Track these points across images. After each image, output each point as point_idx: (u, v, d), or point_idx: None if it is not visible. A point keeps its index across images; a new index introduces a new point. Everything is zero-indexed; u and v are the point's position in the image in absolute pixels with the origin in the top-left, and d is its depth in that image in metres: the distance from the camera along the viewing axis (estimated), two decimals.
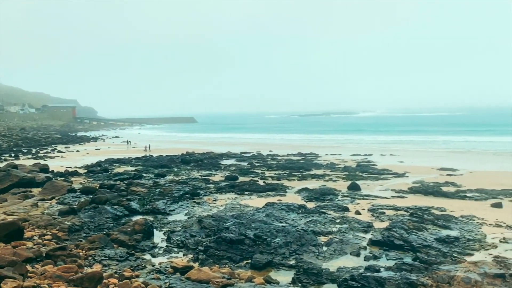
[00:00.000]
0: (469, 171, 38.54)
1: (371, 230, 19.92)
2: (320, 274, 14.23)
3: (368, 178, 35.30)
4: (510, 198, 26.67)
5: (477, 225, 20.56)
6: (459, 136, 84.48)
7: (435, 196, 27.88)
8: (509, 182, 31.59)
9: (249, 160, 49.71)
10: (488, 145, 66.13)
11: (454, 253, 16.50)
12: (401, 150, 59.87)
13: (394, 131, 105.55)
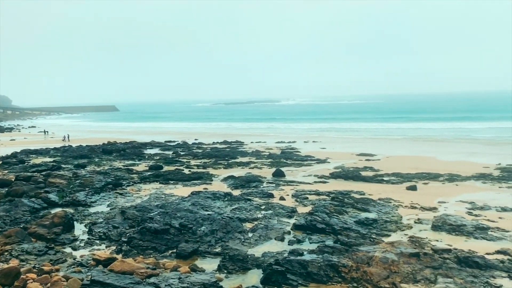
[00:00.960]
0: (386, 156, 40.34)
1: (295, 215, 20.37)
2: (246, 260, 14.37)
3: (292, 165, 36.03)
4: (424, 181, 28.27)
5: (394, 207, 21.61)
6: (377, 123, 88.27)
7: (355, 180, 28.98)
8: (423, 166, 33.44)
9: (174, 149, 49.12)
10: (404, 131, 69.60)
11: (372, 235, 17.26)
12: (323, 137, 61.61)
13: (316, 118, 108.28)
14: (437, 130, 69.65)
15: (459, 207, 21.64)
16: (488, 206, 21.73)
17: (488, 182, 27.88)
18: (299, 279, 12.95)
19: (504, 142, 51.19)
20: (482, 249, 15.61)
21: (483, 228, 17.90)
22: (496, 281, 12.84)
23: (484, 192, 24.98)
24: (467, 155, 40.03)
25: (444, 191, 25.25)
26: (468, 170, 31.53)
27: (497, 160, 35.50)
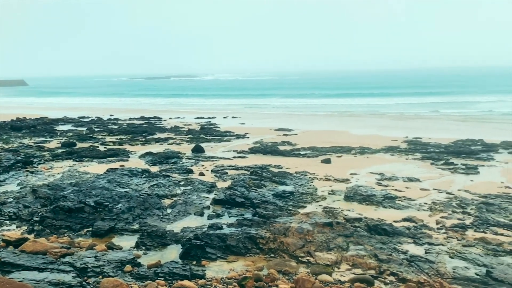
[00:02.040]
0: (302, 131, 41.43)
1: (215, 190, 20.51)
2: (165, 236, 14.32)
3: (211, 141, 36.04)
4: (338, 154, 29.41)
5: (309, 179, 22.36)
6: (293, 99, 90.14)
7: (273, 155, 29.57)
8: (337, 140, 34.74)
9: (88, 125, 47.35)
10: (320, 107, 71.68)
11: (289, 207, 17.79)
12: (242, 113, 62.02)
13: (236, 94, 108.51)
14: (351, 106, 72.33)
15: (370, 178, 22.80)
16: (396, 176, 23.07)
17: (396, 154, 29.55)
18: (218, 252, 13.12)
19: (411, 117, 54.30)
20: (390, 217, 16.62)
21: (391, 198, 19.02)
22: (402, 247, 13.75)
23: (392, 164, 26.46)
24: (377, 129, 42.04)
25: (355, 164, 26.45)
26: (378, 143, 33.17)
27: (404, 134, 37.61)
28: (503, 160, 27.38)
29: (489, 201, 18.43)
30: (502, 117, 52.22)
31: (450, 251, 13.33)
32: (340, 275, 11.81)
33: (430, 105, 69.38)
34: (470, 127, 42.94)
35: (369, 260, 12.67)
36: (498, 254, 13.10)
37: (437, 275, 11.78)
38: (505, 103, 69.61)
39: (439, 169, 25.03)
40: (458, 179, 22.81)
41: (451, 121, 49.40)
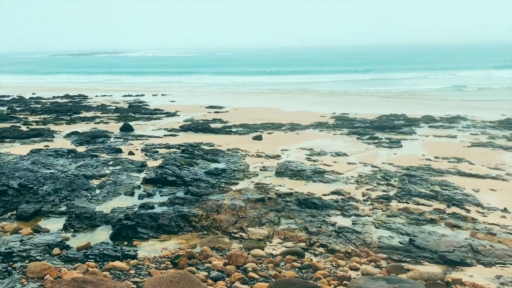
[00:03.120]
0: (234, 108, 41.48)
1: (145, 169, 20.16)
2: (94, 217, 13.95)
3: (140, 119, 35.30)
4: (269, 131, 29.76)
5: (241, 156, 22.50)
6: (224, 76, 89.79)
7: (204, 132, 29.45)
8: (268, 117, 35.09)
9: (9, 104, 44.82)
10: (251, 84, 71.88)
11: (221, 184, 17.85)
12: (172, 90, 61.08)
13: (165, 72, 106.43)
14: (282, 83, 73.04)
15: (300, 154, 23.29)
16: (324, 151, 23.71)
17: (324, 130, 30.33)
18: (150, 231, 12.98)
19: (339, 93, 55.78)
20: (319, 191, 17.11)
21: (320, 172, 19.56)
22: (331, 219, 14.23)
23: (321, 139, 27.16)
24: (307, 105, 42.88)
25: (286, 140, 26.91)
26: (307, 119, 33.86)
27: (332, 110, 38.62)
28: (424, 133, 28.84)
29: (411, 173, 19.40)
30: (423, 93, 54.79)
31: (376, 222, 13.95)
32: (272, 249, 12.06)
33: (357, 82, 71.52)
34: (394, 103, 44.75)
35: (299, 233, 13.01)
36: (420, 223, 13.86)
37: (364, 245, 12.31)
38: (427, 79, 73.06)
39: (365, 144, 25.99)
40: (383, 152, 23.81)
41: (377, 97, 51.25)
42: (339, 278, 9.77)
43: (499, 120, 32.49)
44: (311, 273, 10.23)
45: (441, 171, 19.86)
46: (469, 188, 17.35)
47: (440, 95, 51.37)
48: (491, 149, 24.29)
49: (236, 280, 9.38)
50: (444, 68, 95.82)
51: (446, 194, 16.60)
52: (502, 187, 17.61)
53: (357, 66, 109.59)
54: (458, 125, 31.54)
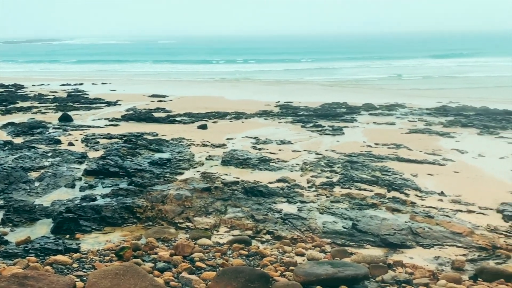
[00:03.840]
0: (177, 96, 40.96)
1: (86, 160, 19.60)
2: (33, 210, 13.45)
3: (80, 108, 34.21)
4: (214, 120, 29.63)
5: (186, 146, 22.30)
6: (168, 64, 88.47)
7: (147, 122, 28.92)
8: (213, 106, 34.88)
9: None
10: (195, 73, 71.16)
11: (166, 174, 17.63)
12: (112, 79, 59.45)
13: (106, 59, 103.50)
14: (227, 72, 72.72)
15: (245, 142, 23.36)
16: (270, 140, 23.88)
17: (269, 118, 30.53)
18: (93, 224, 12.66)
19: (283, 82, 56.25)
20: (265, 179, 17.24)
21: (266, 160, 19.70)
22: (277, 206, 14.39)
23: (266, 128, 27.33)
24: (252, 94, 42.96)
25: (231, 129, 26.90)
26: (252, 108, 33.95)
27: (276, 98, 38.88)
28: (365, 121, 29.62)
29: (353, 159, 19.90)
30: (364, 81, 56.15)
31: (320, 208, 14.23)
32: (219, 238, 12.07)
33: (302, 71, 72.29)
34: (336, 92, 45.62)
35: (246, 221, 13.08)
36: (362, 208, 14.26)
37: (309, 230, 12.54)
38: (367, 68, 74.91)
39: (309, 131, 26.39)
40: (326, 140, 24.27)
41: (320, 86, 52.08)
42: (286, 264, 9.90)
43: (435, 107, 33.80)
44: (258, 260, 10.30)
45: (381, 157, 20.48)
46: (408, 173, 17.99)
47: (379, 84, 52.84)
48: (428, 135, 25.27)
49: (183, 270, 9.30)
50: (383, 57, 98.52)
51: (386, 179, 17.15)
52: (438, 172, 18.38)
53: (302, 55, 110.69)
54: (397, 112, 32.57)
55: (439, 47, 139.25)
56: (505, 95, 40.17)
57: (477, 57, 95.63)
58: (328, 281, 8.41)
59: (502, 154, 20.90)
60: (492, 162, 19.87)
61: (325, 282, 8.39)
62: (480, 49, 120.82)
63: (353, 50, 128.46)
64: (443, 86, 49.06)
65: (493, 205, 14.59)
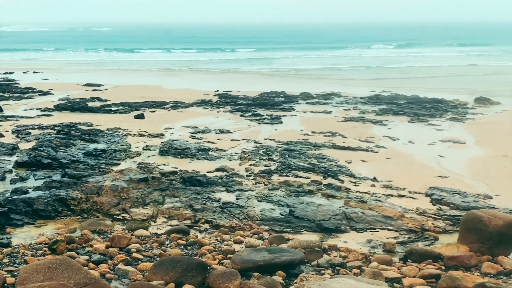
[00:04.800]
0: (113, 86, 39.95)
1: (17, 152, 18.79)
2: None
3: (10, 98, 32.66)
4: (151, 109, 29.18)
5: (123, 136, 21.86)
6: (103, 52, 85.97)
7: (82, 111, 28.04)
8: (150, 95, 34.31)
9: None
10: (131, 62, 69.55)
11: (102, 165, 17.23)
12: (44, 67, 56.98)
13: (37, 48, 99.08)
14: (165, 62, 71.54)
15: (184, 132, 23.19)
16: (209, 129, 23.84)
17: (208, 107, 30.42)
18: (24, 217, 12.22)
19: (223, 71, 56.10)
20: (204, 168, 17.22)
21: (205, 149, 19.67)
22: (216, 195, 14.43)
23: (205, 117, 27.24)
24: (190, 83, 42.59)
25: (169, 118, 26.60)
26: (191, 97, 33.68)
27: (216, 87, 38.73)
28: (302, 110, 30.13)
29: (291, 147, 20.24)
30: (302, 71, 56.94)
31: (258, 196, 14.41)
32: (157, 228, 11.99)
33: (241, 60, 72.27)
34: (274, 81, 46.04)
35: (184, 211, 13.05)
36: (299, 195, 14.56)
37: (247, 218, 12.69)
38: (306, 57, 76.03)
39: (248, 120, 26.55)
40: (264, 129, 24.52)
41: (259, 75, 52.34)
42: (224, 252, 10.00)
43: (368, 96, 34.87)
44: (197, 249, 10.33)
45: (317, 145, 20.95)
46: (343, 160, 18.53)
47: (316, 73, 53.79)
48: (362, 123, 26.07)
49: (119, 262, 9.19)
50: (322, 47, 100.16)
51: (322, 166, 17.58)
52: (371, 158, 19.05)
53: (243, 44, 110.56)
54: (333, 101, 33.33)
55: (377, 37, 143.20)
56: (434, 84, 42.08)
57: (412, 47, 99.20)
58: (265, 267, 8.59)
59: (431, 141, 21.93)
60: (421, 148, 20.83)
61: (262, 268, 8.57)
62: (416, 40, 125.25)
63: (293, 40, 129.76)
64: (377, 75, 50.64)
65: (422, 189, 15.32)
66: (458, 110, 29.76)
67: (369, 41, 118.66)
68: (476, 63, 63.88)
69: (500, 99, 33.00)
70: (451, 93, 36.73)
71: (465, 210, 12.50)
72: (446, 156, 19.49)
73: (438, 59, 69.42)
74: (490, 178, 16.49)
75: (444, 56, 75.47)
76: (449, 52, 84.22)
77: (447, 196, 14.47)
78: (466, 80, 44.98)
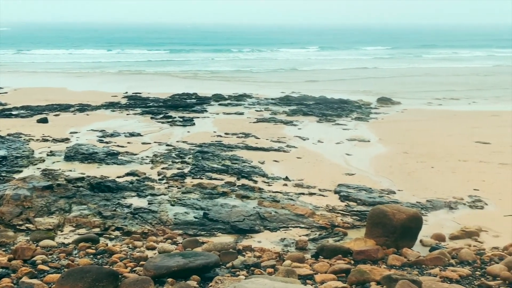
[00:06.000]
0: (13, 88, 37.60)
1: None
2: None
3: None
4: (55, 113, 27.77)
5: (25, 142, 20.61)
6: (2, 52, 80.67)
7: None
8: (54, 98, 32.66)
9: None
10: (30, 63, 65.84)
11: (2, 173, 16.14)
12: None
13: None
14: (70, 62, 68.56)
15: (91, 136, 22.30)
16: (118, 132, 23.11)
17: (117, 110, 29.50)
18: None
19: (132, 72, 54.74)
20: (114, 173, 16.66)
21: (114, 154, 19.03)
22: (126, 201, 13.99)
23: (113, 120, 26.38)
24: (97, 85, 41.11)
25: (75, 122, 25.48)
26: (98, 99, 32.49)
27: (124, 89, 37.69)
28: (215, 111, 30.11)
29: (204, 149, 20.13)
30: (215, 72, 56.89)
31: (171, 199, 14.18)
32: (64, 238, 11.42)
33: (153, 62, 70.86)
34: (187, 82, 45.70)
35: (93, 218, 12.53)
36: (213, 197, 14.51)
37: (160, 223, 12.43)
38: (217, 60, 76.15)
39: (159, 123, 26.07)
40: (177, 131, 24.20)
41: (171, 76, 51.66)
42: (136, 259, 9.71)
43: (279, 97, 35.56)
44: (107, 258, 9.95)
45: (231, 146, 21.01)
46: (256, 161, 18.72)
47: (228, 75, 54.03)
48: (274, 123, 26.53)
49: (24, 275, 8.62)
50: (232, 50, 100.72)
51: (236, 167, 17.66)
52: (283, 158, 19.43)
53: (155, 46, 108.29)
54: (245, 102, 33.63)
55: (293, 39, 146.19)
56: (340, 86, 43.80)
57: (328, 50, 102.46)
58: (179, 272, 8.44)
59: (338, 140, 22.77)
60: (330, 147, 21.57)
61: (177, 273, 8.41)
62: (331, 43, 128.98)
63: (207, 42, 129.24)
64: (288, 77, 51.79)
65: (331, 186, 15.86)
66: (363, 110, 31.17)
67: (283, 44, 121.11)
68: (381, 65, 67.28)
69: (400, 99, 35.05)
70: (356, 94, 38.43)
71: (371, 206, 13.07)
72: (352, 154, 20.33)
73: (348, 62, 72.34)
74: (393, 174, 17.40)
75: (354, 59, 78.66)
76: (358, 56, 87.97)
77: (354, 193, 15.08)
78: (370, 82, 47.27)
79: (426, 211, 13.80)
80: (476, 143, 21.92)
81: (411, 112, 30.91)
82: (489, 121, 27.48)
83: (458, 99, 36.55)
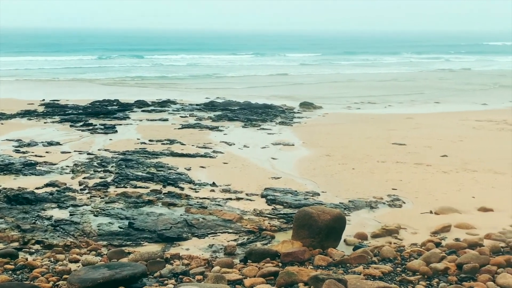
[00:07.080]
0: None
1: None
2: None
3: None
4: None
5: None
6: None
7: None
8: None
9: None
10: None
11: None
12: None
13: None
14: None
15: (6, 146, 21.12)
16: (35, 142, 22.05)
17: (33, 118, 28.14)
18: None
19: (49, 79, 52.45)
20: (32, 184, 15.88)
21: (32, 164, 18.15)
22: (47, 213, 13.40)
23: (30, 129, 25.15)
24: (11, 92, 39.02)
25: None
26: (13, 108, 30.81)
27: (41, 97, 36.05)
28: (138, 118, 29.52)
29: (128, 157, 19.67)
30: (137, 79, 55.70)
31: (94, 210, 13.73)
32: None
33: (73, 68, 68.20)
34: (108, 89, 44.45)
35: (11, 232, 11.88)
36: (138, 206, 14.21)
37: (83, 235, 12.00)
38: (139, 66, 74.64)
39: (79, 131, 25.16)
40: (98, 139, 23.46)
41: (90, 83, 50.05)
42: (59, 273, 9.33)
43: (204, 102, 35.47)
44: (28, 273, 9.48)
45: (156, 153, 20.68)
46: (182, 167, 18.56)
47: (151, 81, 53.17)
48: (199, 129, 26.42)
49: None
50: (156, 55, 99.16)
51: (162, 174, 17.42)
52: (210, 164, 19.39)
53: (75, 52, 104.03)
54: (169, 108, 33.24)
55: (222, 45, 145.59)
56: (265, 92, 44.40)
57: (259, 56, 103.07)
58: (105, 284, 8.23)
59: (263, 144, 23.08)
60: (256, 151, 21.80)
61: (102, 286, 8.19)
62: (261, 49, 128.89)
63: (128, 47, 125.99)
64: (213, 83, 51.81)
65: (258, 190, 16.03)
66: (286, 115, 31.80)
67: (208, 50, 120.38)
68: (305, 71, 68.87)
69: (322, 104, 36.14)
70: (280, 99, 39.15)
71: (297, 208, 13.36)
72: (278, 158, 20.68)
73: (274, 68, 73.36)
74: (317, 177, 17.89)
75: (280, 65, 79.77)
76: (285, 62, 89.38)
77: (281, 196, 15.34)
78: (294, 88, 48.28)
79: (349, 211, 14.31)
80: (392, 144, 23.04)
81: (332, 116, 31.94)
82: (404, 123, 29.00)
83: (375, 103, 38.26)
